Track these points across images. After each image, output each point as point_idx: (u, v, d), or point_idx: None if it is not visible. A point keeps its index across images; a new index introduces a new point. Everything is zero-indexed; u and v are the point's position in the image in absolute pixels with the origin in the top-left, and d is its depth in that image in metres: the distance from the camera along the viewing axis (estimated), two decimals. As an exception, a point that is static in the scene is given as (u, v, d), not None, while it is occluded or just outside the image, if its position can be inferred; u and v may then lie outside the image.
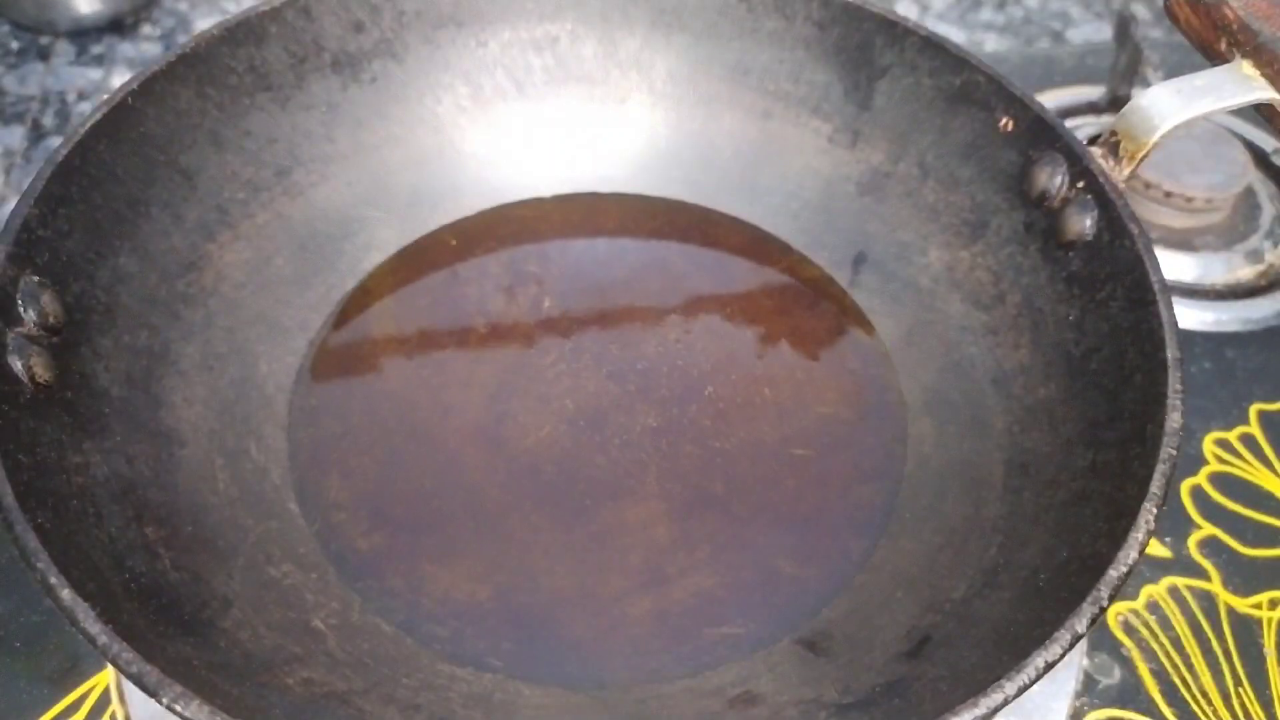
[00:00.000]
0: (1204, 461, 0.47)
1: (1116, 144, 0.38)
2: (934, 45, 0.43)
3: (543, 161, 0.49)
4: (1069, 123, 0.60)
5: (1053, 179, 0.39)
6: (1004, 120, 0.41)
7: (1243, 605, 0.43)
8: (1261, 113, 0.39)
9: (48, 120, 0.72)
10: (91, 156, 0.38)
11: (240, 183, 0.43)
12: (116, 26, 0.78)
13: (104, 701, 0.39)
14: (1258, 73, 0.38)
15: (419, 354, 0.44)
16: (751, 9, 0.46)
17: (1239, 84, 0.38)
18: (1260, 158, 0.60)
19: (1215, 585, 0.44)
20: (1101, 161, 0.38)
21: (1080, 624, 0.28)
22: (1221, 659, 0.42)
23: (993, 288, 0.42)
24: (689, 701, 0.35)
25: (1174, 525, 0.45)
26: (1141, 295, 0.35)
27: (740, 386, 0.43)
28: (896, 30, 0.44)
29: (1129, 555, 0.29)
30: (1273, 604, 0.43)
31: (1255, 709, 0.41)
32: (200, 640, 0.31)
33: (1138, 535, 0.30)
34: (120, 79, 0.74)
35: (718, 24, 0.47)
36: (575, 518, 0.39)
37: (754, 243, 0.47)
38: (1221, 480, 0.47)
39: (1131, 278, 0.36)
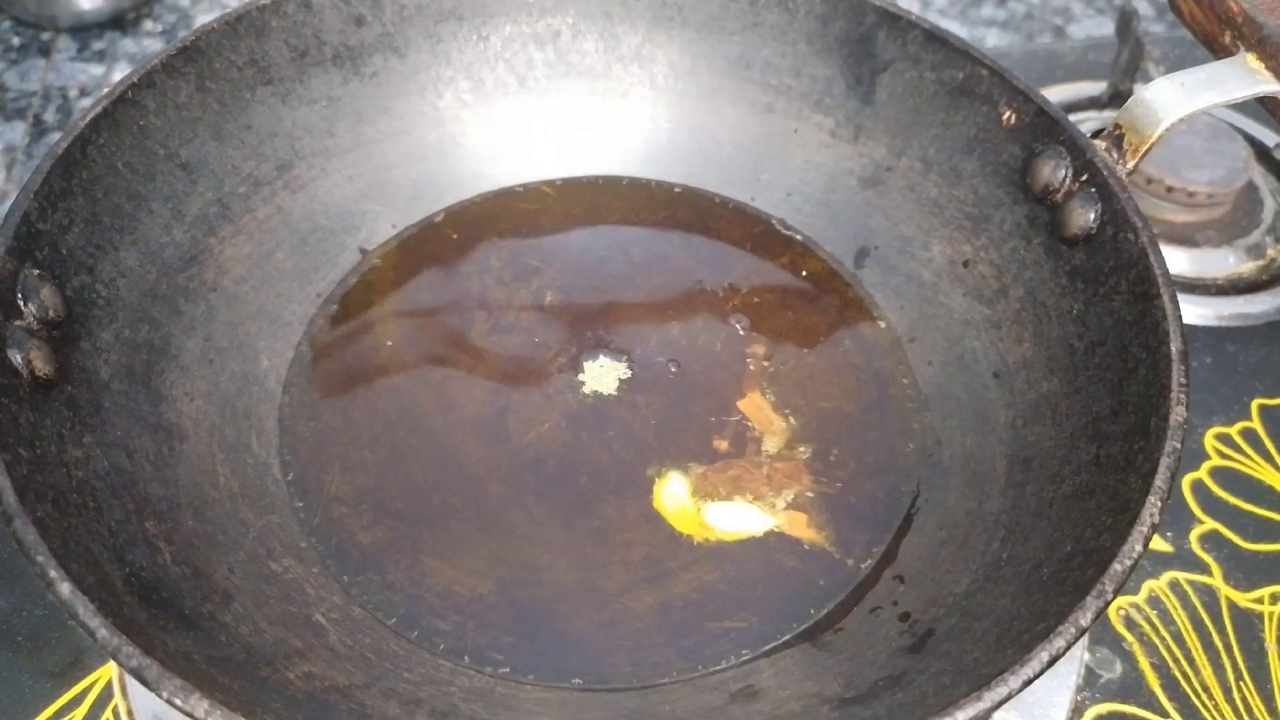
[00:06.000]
0: (1205, 456, 0.47)
1: (1120, 137, 0.38)
2: (937, 39, 0.43)
3: (544, 156, 0.49)
4: (1071, 118, 0.60)
5: (1056, 173, 0.39)
6: (1007, 114, 0.41)
7: (1244, 600, 0.43)
8: (1265, 106, 0.39)
9: (49, 116, 0.72)
10: (92, 150, 0.37)
11: (241, 177, 0.43)
12: (118, 22, 0.78)
13: (106, 696, 0.39)
14: (1262, 66, 0.38)
15: (420, 348, 0.43)
16: (754, 2, 0.46)
17: (1243, 77, 0.38)
18: (1262, 153, 0.60)
19: (1216, 580, 0.44)
20: (1105, 155, 0.38)
21: (1084, 617, 0.28)
22: (1223, 653, 0.42)
23: (995, 282, 0.42)
24: (691, 696, 0.35)
25: (1175, 520, 0.45)
26: (1145, 289, 0.35)
27: (743, 380, 0.43)
28: (899, 24, 0.44)
29: (1133, 549, 0.29)
30: (1274, 599, 0.43)
31: (1256, 703, 0.41)
32: (201, 634, 0.31)
33: (1142, 529, 0.30)
34: (122, 75, 0.74)
35: (720, 18, 0.47)
36: (577, 512, 0.39)
37: (756, 236, 0.47)
38: (1223, 475, 0.47)
39: (1135, 271, 0.36)
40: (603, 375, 0.43)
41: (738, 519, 0.39)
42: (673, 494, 0.39)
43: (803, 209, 0.47)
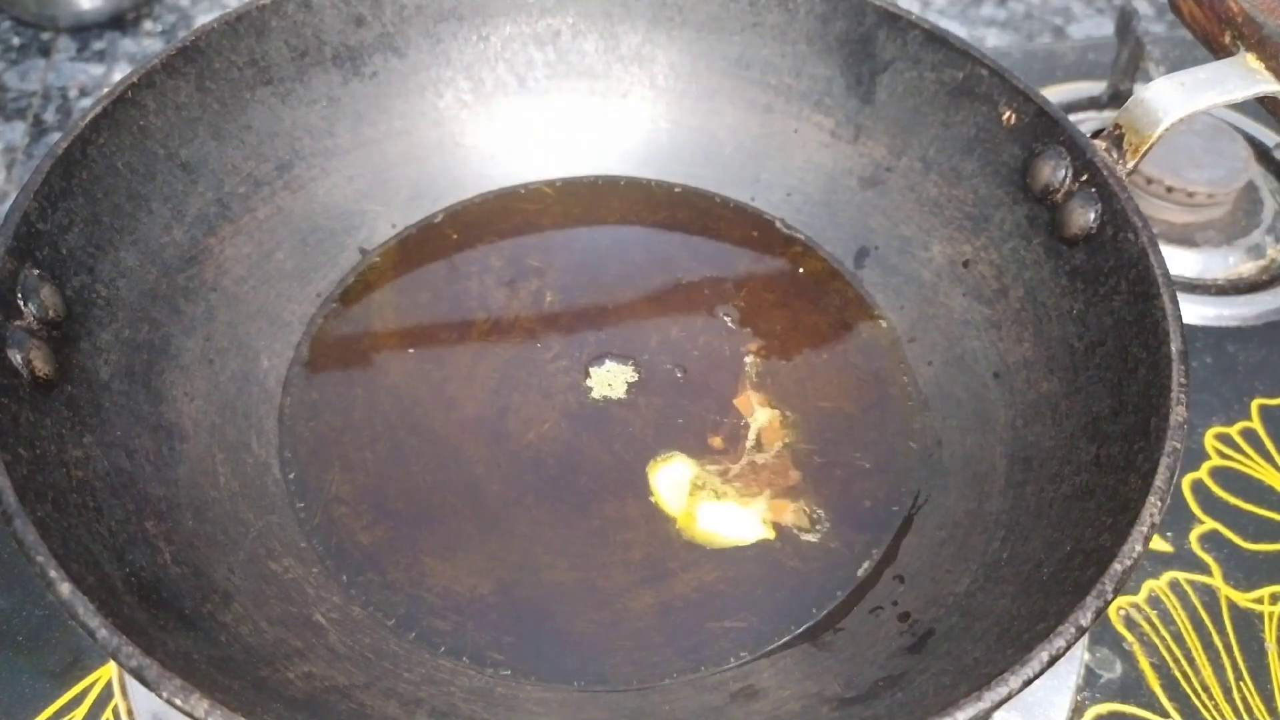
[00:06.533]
0: (1205, 456, 0.47)
1: (1120, 137, 0.38)
2: (937, 39, 0.43)
3: (544, 156, 0.49)
4: (1071, 118, 0.60)
5: (1055, 172, 0.39)
6: (1007, 114, 0.41)
7: (1244, 600, 0.43)
8: (1265, 106, 0.39)
9: (49, 116, 0.72)
10: (92, 150, 0.37)
11: (241, 177, 0.43)
12: (118, 22, 0.78)
13: (106, 696, 0.39)
14: (1262, 65, 0.38)
15: (420, 348, 0.43)
16: (754, 2, 0.46)
17: (1243, 77, 0.38)
18: (1261, 153, 0.60)
19: (1216, 580, 0.44)
20: (1105, 155, 0.38)
21: (1084, 617, 0.28)
22: (1223, 653, 0.42)
23: (995, 282, 0.42)
24: (691, 696, 0.35)
25: (1175, 520, 0.45)
26: (1145, 289, 0.35)
27: (743, 380, 0.43)
28: (899, 24, 0.44)
29: (1133, 548, 0.29)
30: (1274, 599, 0.43)
31: (1256, 703, 0.41)
32: (201, 634, 0.31)
33: (1142, 528, 0.30)
34: (122, 75, 0.74)
35: (720, 18, 0.47)
36: (577, 512, 0.39)
37: (756, 236, 0.47)
38: (1223, 475, 0.47)
39: (1135, 271, 0.36)
40: (610, 380, 0.43)
41: (732, 524, 0.39)
42: (670, 478, 0.39)
43: (803, 209, 0.47)
